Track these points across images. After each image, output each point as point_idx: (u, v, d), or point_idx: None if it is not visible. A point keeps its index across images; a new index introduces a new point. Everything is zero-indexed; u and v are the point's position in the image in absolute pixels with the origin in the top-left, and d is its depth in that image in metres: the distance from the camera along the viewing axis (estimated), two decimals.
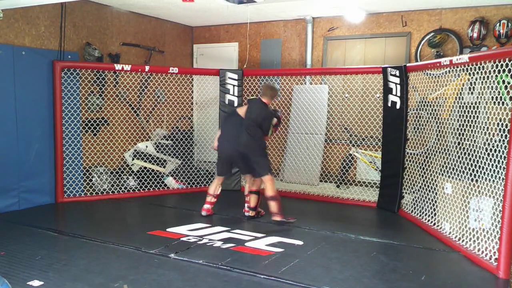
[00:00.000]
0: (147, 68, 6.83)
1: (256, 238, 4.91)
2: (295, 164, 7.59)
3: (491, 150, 4.24)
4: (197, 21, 8.53)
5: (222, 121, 6.66)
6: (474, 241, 4.39)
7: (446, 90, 5.34)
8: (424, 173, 5.68)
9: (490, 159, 4.23)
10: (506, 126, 3.97)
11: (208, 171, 7.67)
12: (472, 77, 4.90)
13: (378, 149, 6.99)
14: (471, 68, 4.61)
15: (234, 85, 7.23)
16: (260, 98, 5.61)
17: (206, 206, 5.79)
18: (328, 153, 7.64)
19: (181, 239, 4.84)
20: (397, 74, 6.08)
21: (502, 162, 3.99)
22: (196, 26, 8.94)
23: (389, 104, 6.21)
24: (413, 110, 6.09)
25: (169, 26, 8.40)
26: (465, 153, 4.72)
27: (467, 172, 4.64)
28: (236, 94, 7.24)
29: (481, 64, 4.41)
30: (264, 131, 5.54)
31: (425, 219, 5.42)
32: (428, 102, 5.72)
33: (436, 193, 5.30)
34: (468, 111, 4.73)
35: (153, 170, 7.16)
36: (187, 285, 3.67)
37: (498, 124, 4.22)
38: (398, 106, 6.09)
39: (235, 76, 7.24)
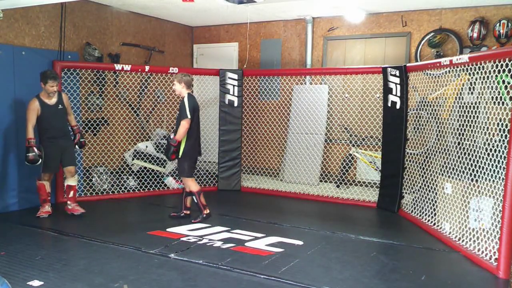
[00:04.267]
0: (147, 68, 6.83)
1: (256, 238, 4.91)
2: (295, 164, 7.59)
3: (491, 150, 4.24)
4: (197, 21, 8.53)
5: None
6: (474, 241, 4.39)
7: (446, 90, 5.34)
8: (424, 173, 5.68)
9: (490, 159, 4.23)
10: (506, 126, 3.97)
11: (208, 171, 7.67)
12: (472, 77, 4.90)
13: (378, 149, 6.99)
14: (471, 68, 4.61)
15: (234, 85, 7.23)
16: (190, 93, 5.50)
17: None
18: (328, 153, 7.64)
19: (181, 239, 4.84)
20: (397, 74, 6.08)
21: (502, 162, 3.99)
22: (196, 26, 8.94)
23: (389, 104, 6.21)
24: (413, 110, 6.08)
25: (169, 26, 8.40)
26: (465, 153, 4.72)
27: (467, 172, 4.64)
28: (236, 94, 7.24)
29: (481, 64, 4.41)
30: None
31: (425, 219, 5.42)
32: (428, 102, 5.72)
33: (436, 193, 5.30)
34: (468, 111, 4.73)
35: (153, 170, 7.16)
36: (187, 285, 3.67)
37: (498, 124, 4.23)
38: (398, 106, 6.09)
39: (235, 76, 7.24)
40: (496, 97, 4.50)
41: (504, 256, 3.86)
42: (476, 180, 4.47)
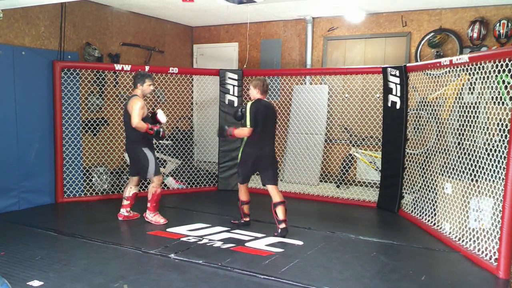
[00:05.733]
0: (147, 68, 6.82)
1: (256, 238, 4.91)
2: (295, 164, 7.59)
3: (491, 150, 4.24)
4: (197, 21, 8.53)
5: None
6: (474, 241, 4.39)
7: (446, 90, 5.34)
8: (424, 173, 5.68)
9: (490, 159, 4.23)
10: (506, 126, 3.97)
11: (208, 171, 7.67)
12: (472, 77, 4.90)
13: (378, 149, 6.99)
14: (471, 68, 4.61)
15: (234, 85, 7.23)
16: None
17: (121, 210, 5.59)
18: (328, 153, 7.63)
19: (181, 239, 4.84)
20: (397, 74, 6.08)
21: (502, 162, 3.99)
22: (196, 26, 8.94)
23: (389, 104, 6.21)
24: (413, 110, 6.08)
25: (169, 26, 8.40)
26: (465, 153, 4.73)
27: (467, 172, 4.64)
28: (236, 94, 7.24)
29: (481, 64, 4.41)
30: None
31: (425, 219, 5.42)
32: (428, 102, 5.72)
33: (436, 193, 5.30)
34: (468, 111, 4.73)
35: None
36: (187, 285, 3.67)
37: (498, 124, 4.22)
38: (398, 106, 6.09)
39: (235, 76, 7.24)
40: (496, 97, 4.50)
41: (504, 256, 3.86)
42: (476, 180, 4.47)
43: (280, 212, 4.99)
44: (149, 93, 5.46)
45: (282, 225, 4.97)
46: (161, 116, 5.47)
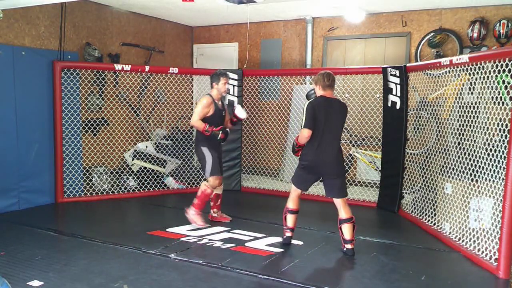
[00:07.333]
0: (147, 68, 6.83)
1: (256, 238, 4.91)
2: (295, 164, 7.55)
3: (491, 150, 4.24)
4: (197, 21, 8.53)
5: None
6: (474, 241, 4.39)
7: (446, 90, 5.34)
8: (424, 173, 5.68)
9: (490, 159, 4.23)
10: (506, 126, 3.97)
11: None
12: (472, 77, 4.90)
13: (378, 149, 6.98)
14: (471, 68, 4.61)
15: (234, 85, 7.23)
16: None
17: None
18: None
19: (181, 239, 4.84)
20: (397, 74, 6.08)
21: (502, 162, 3.99)
22: (196, 26, 8.94)
23: (389, 104, 6.21)
24: (413, 110, 6.08)
25: (169, 26, 8.40)
26: (465, 153, 4.73)
27: (467, 172, 4.64)
28: (236, 94, 7.24)
29: (481, 64, 4.41)
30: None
31: (425, 219, 5.42)
32: (428, 102, 5.72)
33: (436, 193, 5.30)
34: (468, 111, 4.73)
35: (153, 170, 7.16)
36: (187, 285, 3.67)
37: (498, 124, 4.22)
38: (398, 106, 6.09)
39: (235, 76, 7.24)
40: (496, 97, 4.50)
41: (504, 256, 3.86)
42: (476, 180, 4.47)
43: (346, 230, 4.43)
44: (224, 91, 5.31)
45: (348, 246, 4.43)
46: (239, 111, 5.33)
